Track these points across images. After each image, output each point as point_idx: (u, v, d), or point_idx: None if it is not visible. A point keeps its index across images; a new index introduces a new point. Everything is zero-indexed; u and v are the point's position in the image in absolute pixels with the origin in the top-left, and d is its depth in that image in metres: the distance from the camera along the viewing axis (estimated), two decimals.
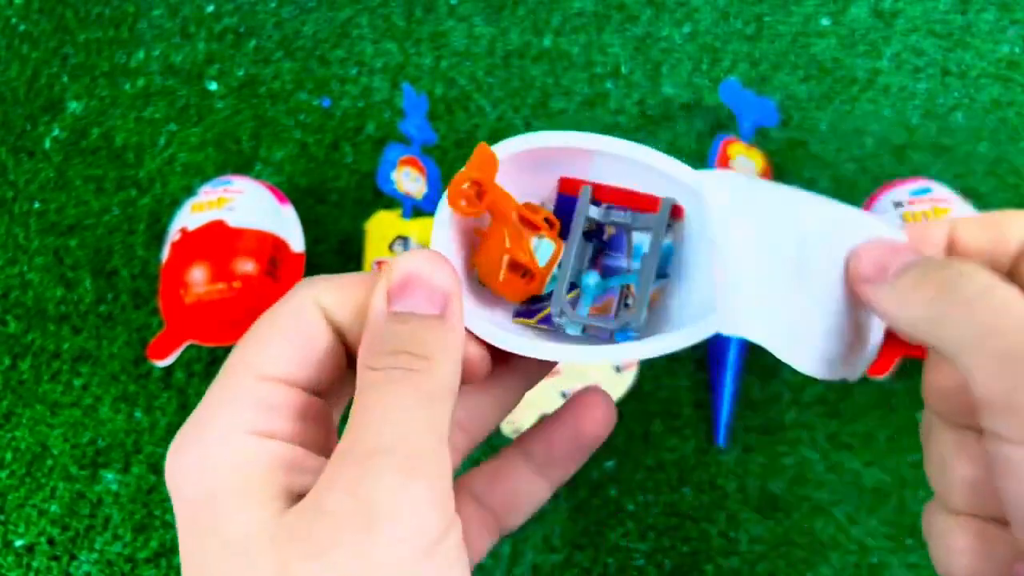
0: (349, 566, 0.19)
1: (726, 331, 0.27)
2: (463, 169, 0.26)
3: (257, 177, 0.62)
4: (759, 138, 0.62)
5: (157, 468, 0.54)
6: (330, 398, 0.25)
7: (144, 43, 0.70)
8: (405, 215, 0.57)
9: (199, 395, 0.55)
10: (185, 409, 0.55)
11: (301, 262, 0.56)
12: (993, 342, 0.21)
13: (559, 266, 0.29)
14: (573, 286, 0.29)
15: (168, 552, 0.51)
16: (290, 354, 0.23)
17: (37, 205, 0.64)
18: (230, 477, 0.21)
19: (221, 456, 0.21)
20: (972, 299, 0.22)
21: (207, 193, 0.55)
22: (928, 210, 0.51)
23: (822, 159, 0.61)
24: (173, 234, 0.54)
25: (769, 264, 0.27)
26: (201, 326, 0.52)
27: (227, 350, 0.57)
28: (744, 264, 0.27)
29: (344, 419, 0.23)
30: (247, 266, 0.52)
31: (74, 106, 0.68)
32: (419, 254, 0.24)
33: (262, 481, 0.21)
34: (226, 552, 0.20)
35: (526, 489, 0.29)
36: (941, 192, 0.52)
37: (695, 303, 0.29)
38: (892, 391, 0.53)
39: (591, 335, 0.29)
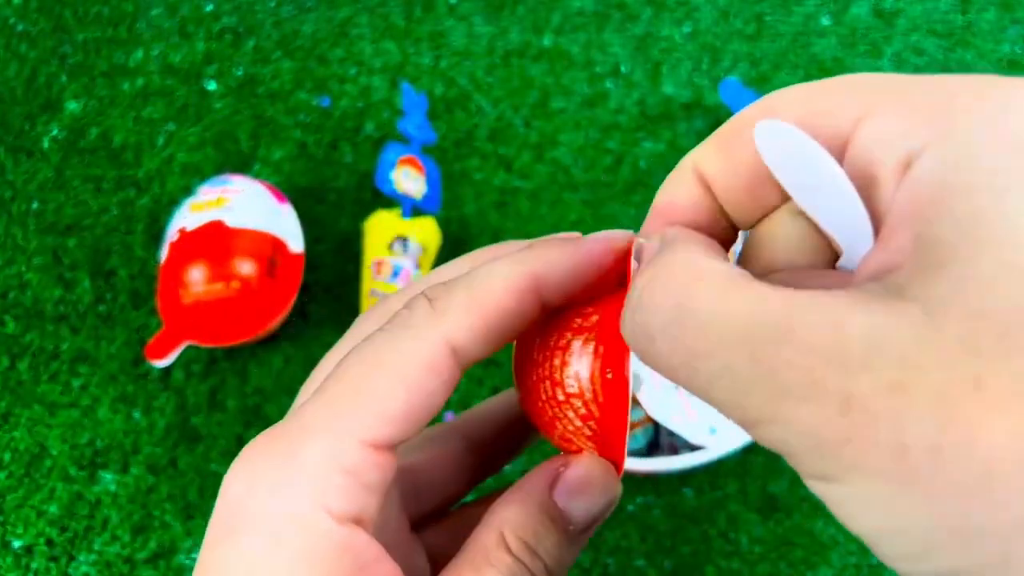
0: None
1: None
2: None
3: (256, 177, 0.62)
4: None
5: (155, 468, 0.53)
6: None
7: (143, 43, 0.70)
8: (404, 215, 0.57)
9: (197, 396, 0.55)
10: (184, 409, 0.55)
11: (300, 262, 0.55)
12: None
13: None
14: None
15: (167, 553, 0.51)
16: (404, 414, 0.18)
17: (35, 205, 0.63)
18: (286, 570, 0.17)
19: (288, 538, 0.17)
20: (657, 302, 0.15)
21: (206, 193, 0.55)
22: None
23: None
24: (172, 234, 0.54)
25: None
26: (200, 326, 0.52)
27: (226, 351, 0.57)
28: None
29: None
30: (245, 266, 0.52)
31: (72, 106, 0.67)
32: (601, 464, 0.20)
33: None
34: None
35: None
36: None
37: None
38: None
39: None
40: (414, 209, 0.57)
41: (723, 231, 0.19)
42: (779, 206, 0.18)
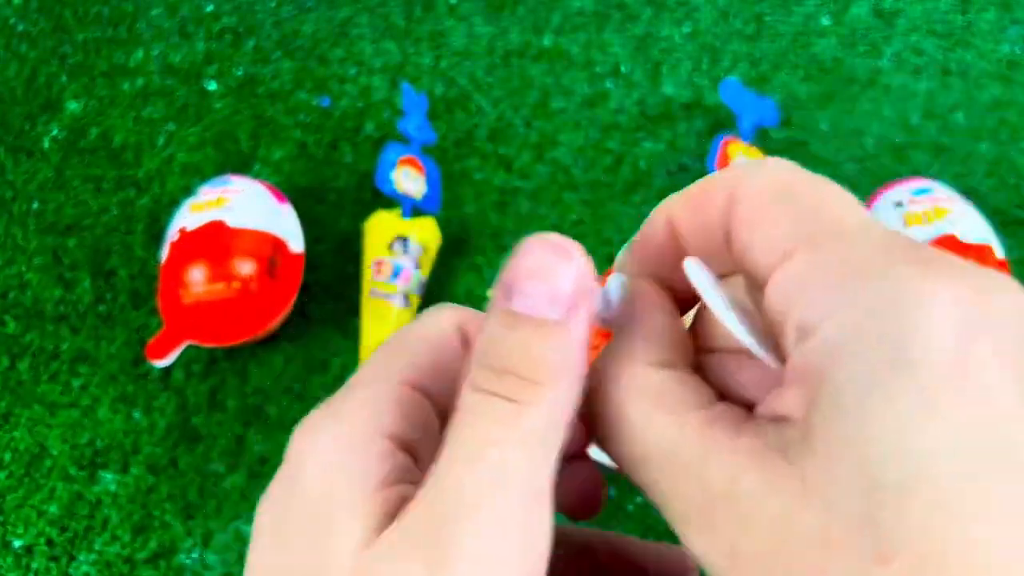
0: None
1: None
2: None
3: (256, 177, 0.62)
4: (759, 138, 0.62)
5: (155, 469, 0.53)
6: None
7: (143, 43, 0.70)
8: (404, 215, 0.57)
9: (198, 395, 0.55)
10: (184, 409, 0.55)
11: (300, 262, 0.55)
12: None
13: None
14: None
15: (167, 553, 0.51)
16: (430, 364, 0.20)
17: (36, 205, 0.63)
18: (354, 482, 0.18)
19: (354, 453, 0.19)
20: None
21: (206, 193, 0.55)
22: (929, 210, 0.51)
23: (822, 159, 0.61)
24: (172, 234, 0.54)
25: None
26: (200, 326, 0.52)
27: (226, 351, 0.57)
28: None
29: None
30: (246, 266, 0.52)
31: (73, 106, 0.67)
32: (548, 239, 0.18)
33: (376, 496, 0.18)
34: (308, 559, 0.18)
35: None
36: (942, 192, 0.52)
37: None
38: None
39: None
40: (414, 209, 0.57)
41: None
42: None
